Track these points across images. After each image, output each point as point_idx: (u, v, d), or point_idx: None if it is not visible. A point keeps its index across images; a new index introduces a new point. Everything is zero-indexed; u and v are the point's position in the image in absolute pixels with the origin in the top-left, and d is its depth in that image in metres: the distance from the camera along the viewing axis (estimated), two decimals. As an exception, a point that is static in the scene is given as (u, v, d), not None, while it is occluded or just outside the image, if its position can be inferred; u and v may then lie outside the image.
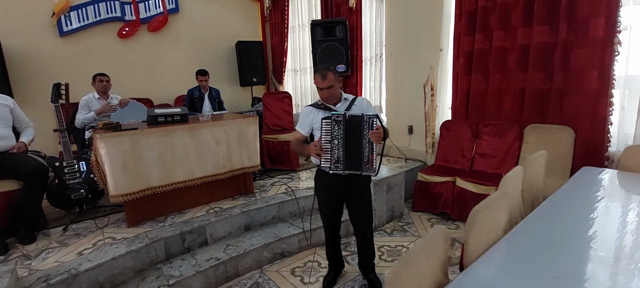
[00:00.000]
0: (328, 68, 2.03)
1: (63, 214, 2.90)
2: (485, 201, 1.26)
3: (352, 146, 1.95)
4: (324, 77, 1.99)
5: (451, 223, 3.21)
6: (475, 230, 1.15)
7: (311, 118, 2.13)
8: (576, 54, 2.71)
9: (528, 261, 1.15)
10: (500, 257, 1.18)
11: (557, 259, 1.15)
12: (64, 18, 4.10)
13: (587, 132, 2.74)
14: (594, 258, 1.18)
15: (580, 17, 2.66)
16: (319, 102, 2.12)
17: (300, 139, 2.19)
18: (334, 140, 1.94)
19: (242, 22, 5.57)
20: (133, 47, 4.65)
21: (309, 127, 2.15)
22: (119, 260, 2.24)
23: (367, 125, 1.90)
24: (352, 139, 1.94)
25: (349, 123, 1.93)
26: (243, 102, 5.62)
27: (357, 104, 2.12)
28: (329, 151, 1.96)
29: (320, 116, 2.04)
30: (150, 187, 2.63)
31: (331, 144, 1.95)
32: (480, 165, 3.33)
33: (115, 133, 2.47)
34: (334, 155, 1.96)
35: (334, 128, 1.94)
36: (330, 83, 2.00)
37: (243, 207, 2.89)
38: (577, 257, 1.19)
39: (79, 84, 3.67)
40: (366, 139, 1.92)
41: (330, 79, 2.00)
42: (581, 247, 1.24)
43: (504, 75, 3.15)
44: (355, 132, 1.93)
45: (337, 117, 1.93)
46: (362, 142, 1.93)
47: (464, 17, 3.27)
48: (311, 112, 2.13)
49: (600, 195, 1.71)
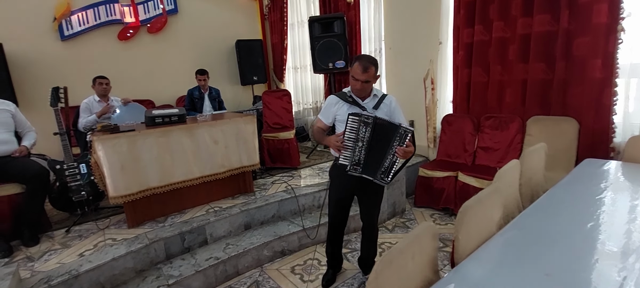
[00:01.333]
0: (372, 61, 1.90)
1: (66, 216, 2.94)
2: (475, 196, 1.23)
3: (375, 151, 1.85)
4: (365, 69, 1.85)
5: (454, 219, 3.16)
6: (465, 227, 1.12)
7: (336, 109, 2.02)
8: (579, 42, 2.64)
9: (521, 257, 1.12)
10: (492, 254, 1.15)
11: (550, 255, 1.12)
12: (65, 22, 4.15)
13: (591, 122, 2.66)
14: (589, 253, 1.14)
15: (582, 4, 2.58)
16: (347, 93, 2.01)
17: (322, 128, 2.09)
18: (358, 142, 1.84)
19: (242, 20, 5.56)
20: (133, 49, 4.69)
21: (332, 117, 2.04)
22: (119, 260, 2.26)
23: (399, 138, 1.78)
24: (376, 144, 1.83)
25: (376, 127, 1.81)
26: (244, 101, 5.63)
27: (386, 102, 2.02)
28: (350, 149, 1.86)
29: (346, 109, 1.95)
30: (149, 187, 2.65)
31: (354, 144, 1.85)
32: (483, 159, 3.28)
33: (113, 135, 2.48)
34: (355, 156, 1.86)
35: (361, 128, 1.82)
36: (368, 78, 1.88)
37: (243, 206, 2.89)
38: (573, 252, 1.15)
39: (81, 87, 3.71)
40: (393, 149, 1.79)
41: (370, 73, 1.87)
42: (579, 242, 1.21)
43: (504, 67, 3.09)
44: (382, 138, 1.82)
45: (366, 118, 1.80)
46: (387, 151, 1.82)
47: (462, 8, 3.21)
48: (337, 103, 2.02)
49: (602, 188, 1.66)
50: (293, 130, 4.02)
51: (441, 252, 2.64)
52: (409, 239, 0.97)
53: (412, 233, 1.00)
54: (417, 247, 0.98)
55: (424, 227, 1.02)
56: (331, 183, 2.17)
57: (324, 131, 2.11)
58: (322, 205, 2.99)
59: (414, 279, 0.98)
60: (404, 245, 0.93)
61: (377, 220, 2.24)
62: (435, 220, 3.20)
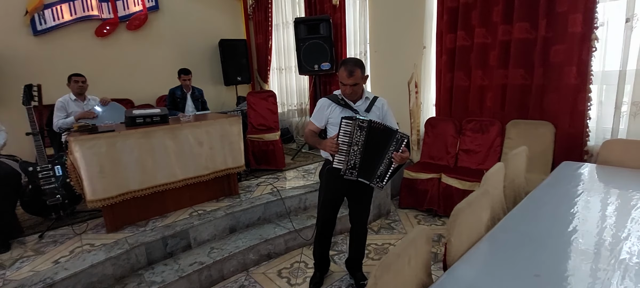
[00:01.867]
0: (356, 63, 1.90)
1: (39, 221, 2.79)
2: (466, 199, 1.25)
3: (370, 155, 1.85)
4: (350, 73, 1.86)
5: (438, 220, 3.23)
6: (457, 229, 1.14)
7: (328, 112, 2.02)
8: (555, 50, 2.75)
9: (510, 259, 1.16)
10: (482, 256, 1.18)
11: (538, 256, 1.16)
12: (38, 16, 3.94)
13: (566, 126, 2.78)
14: (575, 253, 1.19)
15: (559, 13, 2.69)
16: (338, 95, 2.00)
17: (314, 131, 2.09)
18: (353, 146, 1.83)
19: (225, 20, 5.47)
20: (112, 47, 4.52)
21: (324, 120, 2.04)
22: (97, 267, 2.17)
23: (396, 143, 1.78)
24: (371, 148, 1.83)
25: (371, 131, 1.81)
26: (228, 101, 5.54)
27: (377, 105, 2.02)
28: (344, 152, 1.85)
29: (338, 112, 1.96)
30: (129, 191, 2.55)
31: (349, 148, 1.84)
32: (465, 161, 3.36)
33: (91, 136, 2.38)
34: (351, 160, 1.85)
35: (355, 132, 1.81)
36: (356, 81, 1.88)
37: (227, 209, 2.83)
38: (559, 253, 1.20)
39: (55, 85, 3.54)
40: (389, 154, 1.80)
41: (356, 76, 1.87)
42: (563, 243, 1.25)
43: (485, 72, 3.18)
44: (377, 142, 1.83)
45: (361, 122, 1.80)
46: (383, 157, 1.82)
47: (445, 14, 3.29)
48: (329, 106, 2.02)
49: (580, 190, 1.74)
50: (278, 132, 3.99)
51: (426, 253, 2.68)
52: (405, 243, 0.98)
53: (408, 237, 1.01)
54: (413, 251, 0.99)
55: (418, 231, 1.04)
56: (322, 184, 2.17)
57: (317, 134, 2.11)
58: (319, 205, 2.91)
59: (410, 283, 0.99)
60: (401, 249, 0.94)
61: (366, 222, 2.25)
62: (420, 221, 3.25)
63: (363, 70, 1.92)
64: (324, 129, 2.09)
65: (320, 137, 2.10)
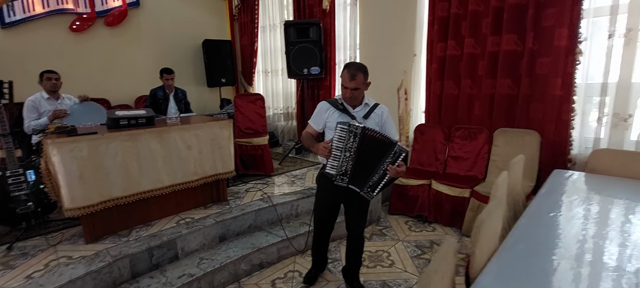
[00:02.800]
0: (360, 68, 1.87)
1: (6, 231, 2.54)
2: (486, 210, 1.24)
3: (363, 163, 1.82)
4: (353, 77, 1.83)
5: (428, 226, 3.26)
6: (480, 241, 1.13)
7: (327, 115, 2.00)
8: (541, 62, 2.86)
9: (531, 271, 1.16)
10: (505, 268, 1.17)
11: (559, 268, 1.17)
12: (7, 8, 3.64)
13: (551, 135, 2.89)
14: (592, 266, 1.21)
15: (545, 27, 2.81)
16: (338, 100, 1.99)
17: (311, 133, 2.08)
18: (346, 152, 1.81)
19: (210, 19, 5.31)
20: (88, 43, 4.25)
21: (323, 123, 2.03)
22: (76, 282, 1.99)
23: (393, 155, 1.75)
24: (365, 156, 1.81)
25: (365, 139, 1.78)
26: (210, 103, 5.36)
27: (377, 113, 1.99)
28: (337, 158, 1.83)
29: (336, 117, 1.94)
30: (111, 198, 2.38)
31: (342, 154, 1.82)
32: (453, 168, 3.42)
33: (71, 138, 2.19)
34: (342, 166, 1.83)
35: (348, 138, 1.79)
36: (357, 85, 1.86)
37: (217, 217, 2.71)
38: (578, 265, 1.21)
39: (24, 82, 3.25)
40: (384, 166, 1.77)
41: (358, 80, 1.85)
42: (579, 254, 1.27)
43: (474, 81, 3.26)
44: (372, 151, 1.80)
45: (355, 128, 1.78)
46: (377, 166, 1.79)
47: (436, 23, 3.35)
48: (328, 109, 2.00)
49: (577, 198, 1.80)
50: (266, 136, 3.90)
51: (421, 260, 2.69)
52: (439, 258, 0.94)
53: (441, 252, 0.98)
54: (444, 266, 0.95)
55: (448, 244, 1.01)
56: (318, 189, 2.17)
57: (314, 137, 2.09)
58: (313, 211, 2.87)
59: (441, 298, 0.96)
60: (437, 265, 0.91)
61: (362, 230, 2.21)
62: (410, 227, 3.26)
63: (366, 76, 1.91)
64: (322, 132, 2.07)
65: (317, 141, 2.07)
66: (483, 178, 3.21)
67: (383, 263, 2.65)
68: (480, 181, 3.15)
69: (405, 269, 2.57)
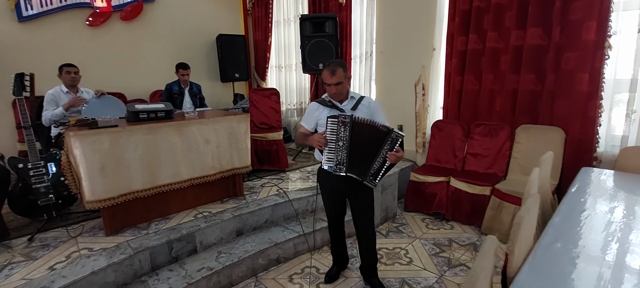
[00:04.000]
0: (339, 63, 2.00)
1: (26, 222, 2.57)
2: (524, 207, 1.20)
3: (359, 151, 1.90)
4: (333, 72, 1.95)
5: (445, 223, 3.20)
6: (519, 239, 1.08)
7: (317, 114, 2.11)
8: (568, 56, 2.77)
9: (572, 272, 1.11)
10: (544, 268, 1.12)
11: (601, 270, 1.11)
12: (24, 1, 3.66)
13: (577, 133, 2.81)
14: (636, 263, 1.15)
15: (572, 21, 2.71)
16: (325, 98, 2.09)
17: (305, 133, 2.14)
18: (339, 141, 1.91)
19: (224, 14, 5.29)
20: (104, 37, 4.27)
21: (314, 122, 2.12)
22: (98, 274, 1.99)
23: (391, 142, 1.84)
24: (360, 143, 1.89)
25: (355, 127, 1.88)
26: (224, 98, 5.35)
27: (364, 104, 2.08)
28: (333, 151, 1.92)
29: (326, 113, 2.01)
30: (131, 191, 2.38)
31: (336, 145, 1.91)
32: (472, 165, 3.35)
33: (92, 131, 2.20)
34: (338, 156, 1.93)
35: (339, 129, 1.90)
36: (339, 79, 1.96)
37: (234, 211, 2.70)
38: (621, 265, 1.15)
39: (42, 76, 3.25)
40: (383, 153, 1.86)
41: (339, 75, 1.96)
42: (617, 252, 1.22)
43: (496, 76, 3.18)
44: (363, 137, 1.89)
45: (344, 118, 1.88)
46: (377, 154, 1.87)
47: (457, 16, 3.27)
48: (317, 108, 2.10)
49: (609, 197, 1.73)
50: (281, 131, 3.87)
51: (440, 258, 2.64)
52: (483, 257, 0.91)
53: (484, 250, 0.94)
54: (488, 263, 0.91)
55: (490, 243, 0.96)
56: (321, 188, 2.22)
57: (307, 137, 2.14)
58: (315, 210, 2.90)
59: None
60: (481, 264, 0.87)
61: (371, 225, 2.20)
62: (427, 224, 3.21)
63: (345, 70, 2.00)
64: (315, 131, 2.14)
65: None
66: (504, 176, 3.14)
67: (401, 261, 2.61)
68: (500, 179, 3.08)
69: (424, 267, 2.53)
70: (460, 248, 2.77)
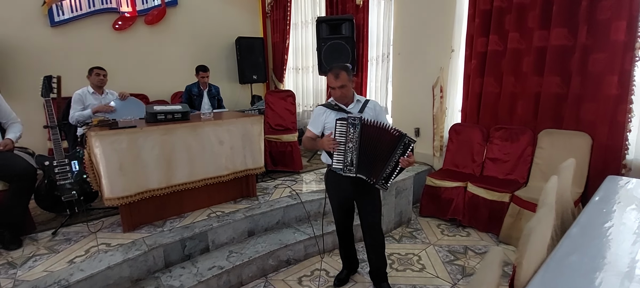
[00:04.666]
0: (342, 67, 2.00)
1: (51, 217, 2.71)
2: (536, 217, 1.13)
3: (366, 151, 1.92)
4: (336, 76, 1.96)
5: (462, 230, 3.10)
6: (529, 250, 1.02)
7: (324, 118, 2.10)
8: (595, 58, 2.62)
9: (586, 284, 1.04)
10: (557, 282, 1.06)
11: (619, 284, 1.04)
12: (56, 7, 3.88)
13: (604, 138, 2.65)
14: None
15: (600, 20, 2.57)
16: (331, 101, 2.10)
17: (311, 137, 2.15)
18: (348, 143, 1.92)
19: (243, 17, 5.39)
20: (129, 41, 4.45)
21: (321, 126, 2.12)
22: (114, 269, 2.07)
23: (403, 147, 1.86)
24: (367, 144, 1.91)
25: (364, 128, 1.90)
26: (242, 100, 5.45)
27: (369, 107, 2.08)
28: (342, 152, 1.93)
29: (333, 117, 2.01)
30: (148, 189, 2.46)
31: (345, 146, 1.92)
32: (491, 171, 3.23)
33: (112, 131, 2.29)
34: (347, 158, 1.93)
35: (349, 130, 1.91)
36: (343, 83, 1.97)
37: (246, 211, 2.73)
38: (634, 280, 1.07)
39: (70, 78, 3.46)
40: (396, 158, 1.87)
41: (343, 78, 1.96)
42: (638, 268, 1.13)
43: (518, 79, 3.06)
44: (373, 139, 1.90)
45: (353, 120, 1.90)
46: (390, 159, 1.88)
47: (477, 17, 3.17)
48: (324, 112, 2.10)
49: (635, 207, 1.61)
50: (296, 133, 3.89)
51: (454, 266, 2.56)
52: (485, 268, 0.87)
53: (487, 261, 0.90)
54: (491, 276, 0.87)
55: (495, 254, 0.92)
56: (329, 190, 2.21)
57: (314, 141, 2.14)
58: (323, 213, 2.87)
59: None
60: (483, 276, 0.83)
61: (378, 229, 2.17)
62: (443, 230, 3.12)
63: (349, 74, 2.01)
64: (322, 135, 2.13)
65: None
66: (525, 182, 3.00)
67: (413, 267, 2.56)
68: (521, 185, 2.95)
69: (437, 275, 2.46)
70: (476, 256, 2.67)
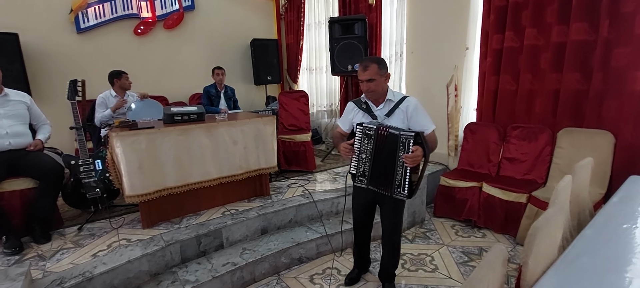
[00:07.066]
0: (373, 59, 1.86)
1: (78, 213, 2.85)
2: (543, 217, 1.11)
3: (379, 163, 1.83)
4: (365, 68, 1.83)
5: (477, 231, 3.05)
6: (535, 251, 1.01)
7: (352, 116, 2.04)
8: (619, 53, 2.52)
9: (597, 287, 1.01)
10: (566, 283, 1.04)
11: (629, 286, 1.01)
12: (82, 15, 4.08)
13: (628, 137, 2.54)
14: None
15: (624, 13, 2.46)
16: (362, 99, 2.00)
17: (341, 133, 2.11)
18: (362, 154, 1.87)
19: (258, 19, 5.49)
20: (149, 45, 4.62)
21: (349, 124, 2.06)
22: (134, 263, 2.17)
23: (403, 147, 1.73)
24: (382, 156, 1.81)
25: (379, 139, 1.80)
26: (257, 101, 5.54)
27: (402, 108, 1.88)
28: (356, 160, 1.88)
29: (359, 117, 1.97)
30: (165, 187, 2.56)
31: (359, 156, 1.87)
32: (508, 171, 3.15)
33: (132, 132, 2.40)
34: (360, 168, 1.88)
35: (363, 140, 1.85)
36: (371, 75, 1.82)
37: (260, 210, 2.79)
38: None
39: (95, 81, 3.63)
40: (400, 159, 1.75)
41: (371, 71, 1.81)
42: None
43: (535, 76, 2.97)
44: (387, 150, 1.79)
45: (368, 130, 1.82)
46: (395, 164, 1.77)
47: (492, 13, 3.10)
48: (352, 110, 2.04)
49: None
50: (309, 133, 3.93)
51: (467, 267, 2.52)
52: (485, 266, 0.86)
53: (487, 259, 0.89)
54: (492, 275, 0.87)
55: (497, 252, 0.92)
56: (353, 188, 2.16)
57: (343, 137, 2.11)
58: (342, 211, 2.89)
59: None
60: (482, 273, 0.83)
61: (398, 232, 2.14)
62: (457, 231, 3.08)
63: (381, 67, 1.85)
64: (351, 131, 2.07)
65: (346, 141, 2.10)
66: (543, 183, 2.92)
67: (425, 268, 2.54)
68: (539, 186, 2.87)
69: (450, 276, 2.43)
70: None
